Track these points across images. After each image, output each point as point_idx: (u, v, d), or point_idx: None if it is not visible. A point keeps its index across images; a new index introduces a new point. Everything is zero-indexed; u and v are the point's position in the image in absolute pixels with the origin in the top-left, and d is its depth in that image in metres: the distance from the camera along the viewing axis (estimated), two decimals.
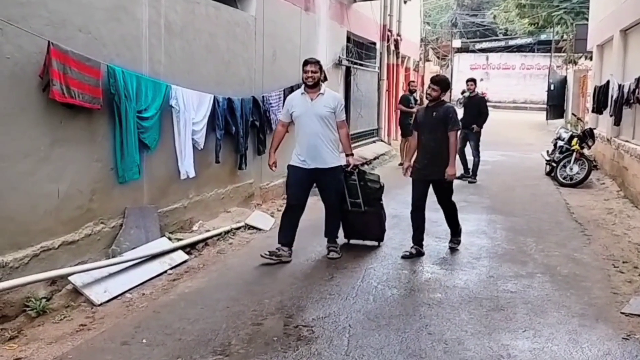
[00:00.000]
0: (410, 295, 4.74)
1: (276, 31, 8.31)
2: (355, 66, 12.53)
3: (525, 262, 5.66)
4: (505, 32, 39.59)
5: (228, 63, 6.93)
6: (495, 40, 41.05)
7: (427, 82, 18.92)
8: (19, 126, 4.05)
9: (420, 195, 5.79)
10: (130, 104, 4.99)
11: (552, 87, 24.95)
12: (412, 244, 5.81)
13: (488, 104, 11.99)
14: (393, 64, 16.41)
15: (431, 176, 5.70)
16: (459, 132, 6.00)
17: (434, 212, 6.15)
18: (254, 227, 6.70)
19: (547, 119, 24.95)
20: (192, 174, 6.02)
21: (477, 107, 10.76)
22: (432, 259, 5.71)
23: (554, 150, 11.31)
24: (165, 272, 5.09)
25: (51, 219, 4.36)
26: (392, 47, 16.20)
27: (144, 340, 3.76)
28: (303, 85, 5.58)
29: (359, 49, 13.10)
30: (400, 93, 16.13)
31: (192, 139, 6.03)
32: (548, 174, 11.18)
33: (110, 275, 4.60)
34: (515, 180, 10.83)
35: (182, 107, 5.80)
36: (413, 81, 15.10)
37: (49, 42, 4.14)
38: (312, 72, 5.48)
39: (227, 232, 6.29)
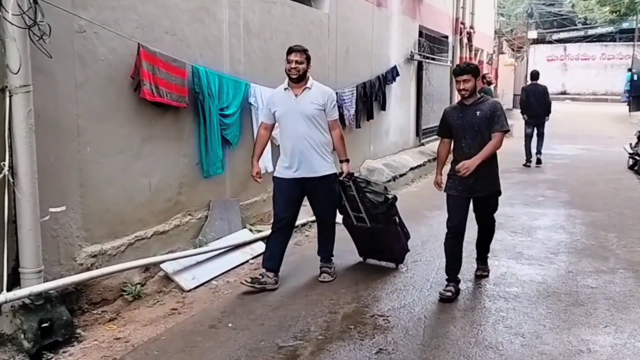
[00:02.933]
0: (486, 288, 4.73)
1: (349, 28, 8.42)
2: (427, 60, 12.45)
3: (607, 257, 5.51)
4: (585, 21, 37.95)
5: None
6: (573, 30, 39.40)
7: (500, 75, 18.58)
8: (114, 124, 4.34)
9: (461, 217, 4.58)
10: (213, 102, 5.25)
11: (635, 78, 23.75)
12: (447, 281, 4.59)
13: (566, 96, 12.09)
14: (466, 58, 16.14)
15: (477, 192, 4.53)
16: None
17: (508, 206, 6.07)
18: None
19: (629, 110, 23.79)
20: (270, 169, 6.21)
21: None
22: (508, 253, 5.64)
23: (637, 143, 10.83)
24: (247, 261, 5.32)
25: (144, 210, 4.66)
26: (465, 40, 15.96)
27: (230, 325, 3.98)
28: (286, 79, 4.75)
29: (431, 43, 13.00)
30: None
31: (271, 135, 6.23)
32: (631, 167, 10.71)
33: (198, 263, 4.88)
34: (595, 174, 10.44)
35: (261, 105, 6.00)
36: (488, 73, 14.86)
37: (139, 44, 4.41)
38: (297, 62, 4.61)
39: (304, 224, 6.46)
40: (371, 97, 9.07)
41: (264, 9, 6.22)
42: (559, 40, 39.87)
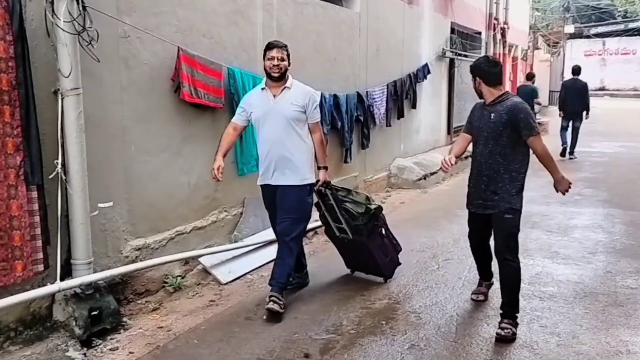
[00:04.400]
0: (520, 288, 4.74)
1: (379, 27, 8.50)
2: (459, 57, 12.42)
3: None
4: (625, 15, 36.96)
5: (334, 60, 7.23)
6: (613, 23, 38.38)
7: (535, 71, 18.31)
8: (156, 125, 4.55)
9: (476, 238, 4.25)
10: None
11: None
12: (479, 280, 4.51)
13: (604, 92, 12.22)
14: (499, 54, 16.00)
15: (489, 209, 3.96)
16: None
17: (544, 205, 6.03)
18: None
19: None
20: None
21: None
22: (544, 253, 5.63)
23: None
24: None
25: (184, 206, 4.86)
26: (499, 36, 15.81)
27: (265, 317, 4.14)
28: (264, 79, 4.34)
29: (463, 40, 12.95)
30: (507, 83, 15.74)
31: None
32: None
33: (233, 257, 5.08)
34: (635, 173, 10.28)
35: None
36: (530, 72, 14.79)
37: (178, 47, 4.60)
38: (278, 59, 4.18)
39: None
40: (402, 96, 9.13)
41: (296, 11, 6.36)
42: (598, 35, 38.93)
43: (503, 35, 16.12)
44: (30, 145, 3.50)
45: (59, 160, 3.65)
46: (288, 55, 4.29)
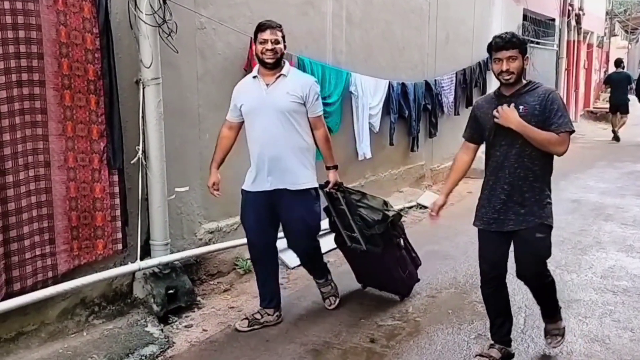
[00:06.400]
0: (592, 281, 4.64)
1: (449, 14, 8.39)
2: (531, 45, 12.06)
3: None
4: None
5: (402, 49, 7.21)
6: None
7: (612, 59, 17.59)
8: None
9: (494, 258, 3.36)
10: None
11: None
12: (491, 341, 3.45)
13: None
14: (573, 41, 15.45)
15: (510, 225, 3.19)
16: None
17: (619, 197, 5.84)
18: (425, 207, 6.95)
19: None
20: (368, 155, 6.44)
21: None
22: (617, 246, 5.47)
23: None
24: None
25: None
26: (573, 23, 15.26)
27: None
28: (257, 66, 3.68)
29: (535, 27, 12.58)
30: (582, 71, 15.19)
31: (369, 123, 6.44)
32: None
33: None
34: None
35: (361, 93, 6.21)
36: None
37: (251, 38, 4.68)
38: (272, 41, 3.51)
39: (400, 210, 6.62)
40: (471, 84, 9.00)
41: (365, 0, 6.38)
42: None
43: (578, 21, 15.54)
44: (112, 132, 3.71)
45: (140, 147, 3.86)
46: (283, 37, 3.60)
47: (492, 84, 10.06)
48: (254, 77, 3.65)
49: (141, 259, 3.90)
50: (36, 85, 3.30)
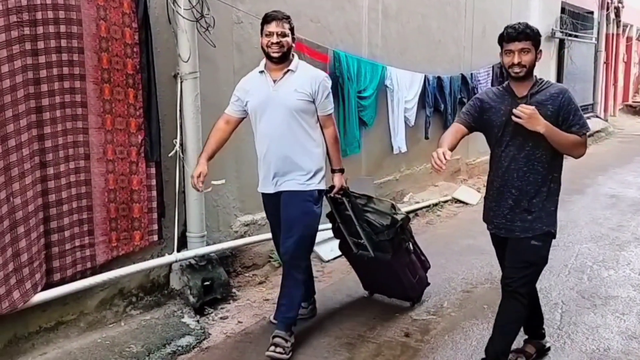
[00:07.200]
0: (630, 278, 4.54)
1: (486, 7, 8.27)
2: (569, 38, 11.82)
3: None
4: None
5: (438, 42, 7.14)
6: None
7: None
8: None
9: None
10: (351, 85, 5.49)
11: None
12: (525, 336, 3.35)
13: None
14: (612, 34, 15.08)
15: (516, 232, 2.98)
16: None
17: None
18: (461, 201, 6.89)
19: None
20: (403, 149, 6.40)
21: None
22: None
23: None
24: None
25: None
26: (612, 16, 14.91)
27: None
28: (263, 60, 3.48)
29: (574, 20, 12.31)
30: (621, 65, 14.82)
31: (404, 117, 6.40)
32: None
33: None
34: None
35: (396, 87, 6.17)
36: None
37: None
38: (278, 34, 3.31)
39: (435, 204, 6.57)
40: (507, 78, 8.83)
41: None
42: None
43: (617, 14, 15.20)
44: (150, 125, 3.75)
45: (177, 140, 3.90)
46: (292, 30, 3.39)
47: None
48: (261, 72, 3.46)
49: (178, 251, 3.95)
50: (77, 79, 3.36)
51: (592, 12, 13.77)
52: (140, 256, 3.88)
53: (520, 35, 2.81)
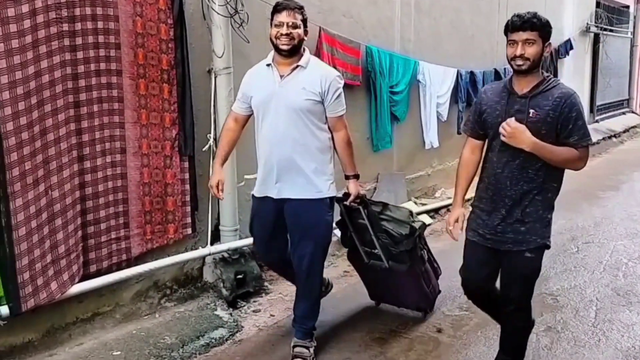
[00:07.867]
0: None
1: (520, 1, 8.11)
2: (604, 32, 11.57)
3: None
4: None
5: (471, 37, 7.06)
6: None
7: None
8: None
9: (481, 274, 2.91)
10: (384, 80, 5.48)
11: None
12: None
13: None
14: None
15: (508, 244, 2.75)
16: None
17: None
18: None
19: None
20: (435, 144, 6.36)
21: None
22: None
23: None
24: None
25: None
26: None
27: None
28: (272, 52, 3.19)
29: (609, 14, 12.05)
30: None
31: (437, 112, 6.35)
32: None
33: None
34: None
35: (428, 82, 6.13)
36: None
37: (320, 27, 4.74)
38: (289, 25, 3.03)
39: (467, 200, 6.50)
40: None
41: None
42: None
43: None
44: (184, 120, 3.80)
45: (211, 134, 3.94)
46: (304, 21, 3.09)
47: (564, 73, 9.72)
48: (268, 65, 3.17)
49: (211, 244, 3.99)
50: (113, 75, 3.42)
51: (627, 7, 13.47)
52: (174, 249, 3.93)
53: (525, 24, 2.57)
